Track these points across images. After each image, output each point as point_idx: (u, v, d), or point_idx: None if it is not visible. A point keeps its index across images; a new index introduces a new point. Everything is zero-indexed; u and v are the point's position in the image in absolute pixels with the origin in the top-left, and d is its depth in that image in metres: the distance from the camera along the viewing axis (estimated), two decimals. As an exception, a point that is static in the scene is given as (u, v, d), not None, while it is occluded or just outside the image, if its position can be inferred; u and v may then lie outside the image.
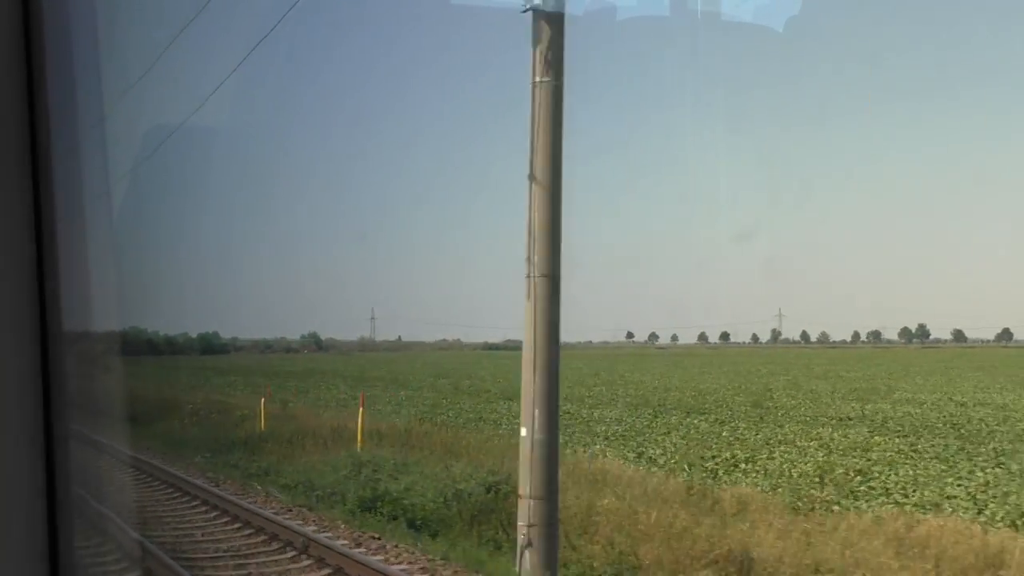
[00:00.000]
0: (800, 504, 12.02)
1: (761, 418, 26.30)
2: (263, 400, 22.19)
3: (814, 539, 9.58)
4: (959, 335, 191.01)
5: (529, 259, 7.46)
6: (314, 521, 11.17)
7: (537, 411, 7.46)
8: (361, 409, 16.85)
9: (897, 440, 20.42)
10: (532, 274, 7.49)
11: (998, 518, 11.34)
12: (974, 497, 12.90)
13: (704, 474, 15.31)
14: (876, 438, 20.86)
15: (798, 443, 20.00)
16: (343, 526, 10.80)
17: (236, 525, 11.12)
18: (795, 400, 33.42)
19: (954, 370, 61.73)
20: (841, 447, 19.32)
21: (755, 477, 15.19)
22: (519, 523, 7.59)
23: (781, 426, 23.92)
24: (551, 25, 7.35)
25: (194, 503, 12.65)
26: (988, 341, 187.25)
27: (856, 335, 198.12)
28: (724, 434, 22.22)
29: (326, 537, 10.02)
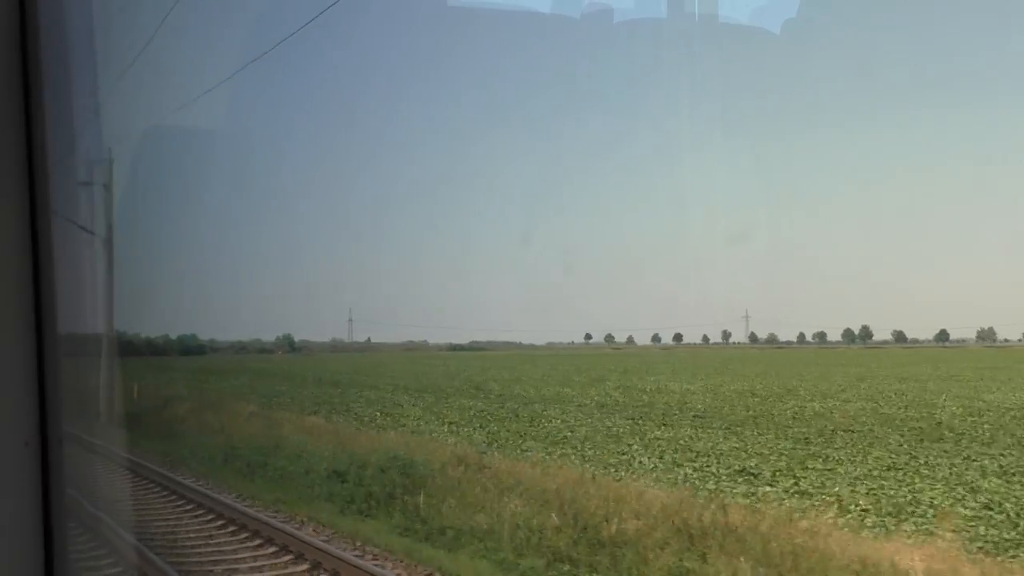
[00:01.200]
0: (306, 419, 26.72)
1: (448, 396, 40.55)
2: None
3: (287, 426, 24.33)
4: (900, 336, 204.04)
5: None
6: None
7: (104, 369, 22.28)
8: (136, 384, 31.79)
9: (477, 404, 34.89)
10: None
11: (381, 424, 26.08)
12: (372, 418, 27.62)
13: (316, 414, 29.86)
14: (467, 402, 35.37)
15: (432, 407, 34.33)
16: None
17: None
18: (518, 386, 47.85)
19: (779, 367, 75.83)
20: (437, 407, 33.72)
21: (340, 416, 29.71)
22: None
23: (447, 398, 38.32)
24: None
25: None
26: (927, 341, 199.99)
27: (802, 336, 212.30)
28: (406, 403, 36.67)
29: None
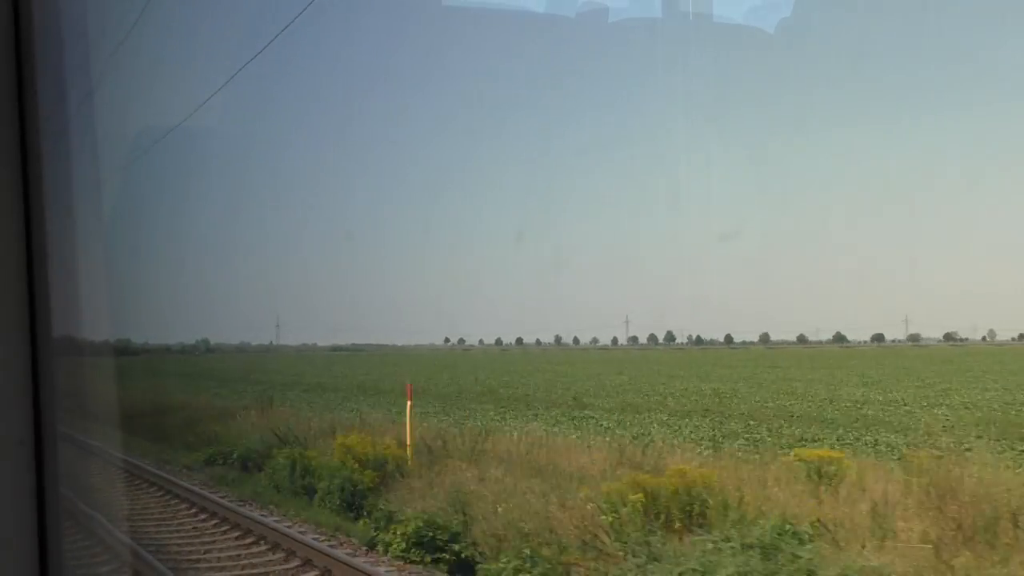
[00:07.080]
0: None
1: (246, 380, 54.43)
2: None
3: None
4: (764, 337, 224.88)
5: None
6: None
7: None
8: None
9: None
10: None
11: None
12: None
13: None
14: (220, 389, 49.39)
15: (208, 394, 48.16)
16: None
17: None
18: (325, 377, 61.66)
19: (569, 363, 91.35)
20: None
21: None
22: None
23: (227, 384, 52.21)
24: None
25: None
26: (790, 342, 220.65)
27: (682, 337, 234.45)
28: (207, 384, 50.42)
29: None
